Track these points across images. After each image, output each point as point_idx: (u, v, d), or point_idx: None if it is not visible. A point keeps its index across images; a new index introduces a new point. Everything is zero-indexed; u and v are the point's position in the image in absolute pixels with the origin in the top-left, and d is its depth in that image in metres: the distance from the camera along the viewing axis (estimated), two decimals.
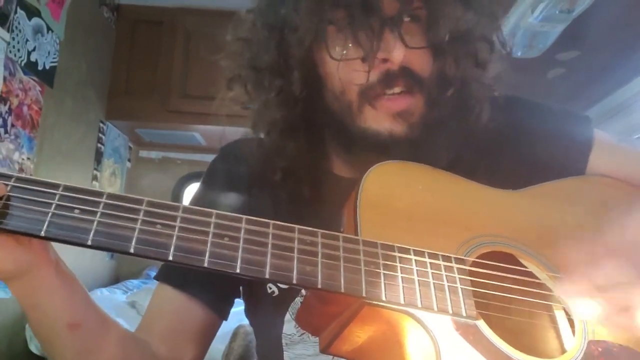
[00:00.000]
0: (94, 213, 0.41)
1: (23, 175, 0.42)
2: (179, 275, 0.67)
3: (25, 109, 1.88)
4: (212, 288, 0.67)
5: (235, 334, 1.25)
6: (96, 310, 0.55)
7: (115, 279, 2.74)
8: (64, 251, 0.49)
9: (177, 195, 2.89)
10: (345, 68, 0.58)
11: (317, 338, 0.53)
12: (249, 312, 0.73)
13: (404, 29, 0.56)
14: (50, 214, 0.40)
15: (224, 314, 0.70)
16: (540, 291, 0.52)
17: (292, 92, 0.60)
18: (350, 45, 0.57)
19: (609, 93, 1.86)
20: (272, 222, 0.45)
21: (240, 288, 0.72)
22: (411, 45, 0.57)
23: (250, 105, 0.66)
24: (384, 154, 0.58)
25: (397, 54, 0.56)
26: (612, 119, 1.88)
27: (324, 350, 0.50)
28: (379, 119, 0.59)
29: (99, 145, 2.53)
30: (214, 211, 0.44)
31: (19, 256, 0.44)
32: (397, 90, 0.58)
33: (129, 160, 2.93)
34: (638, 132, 1.82)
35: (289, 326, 0.64)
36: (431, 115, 0.59)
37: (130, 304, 2.14)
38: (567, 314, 0.52)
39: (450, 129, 0.60)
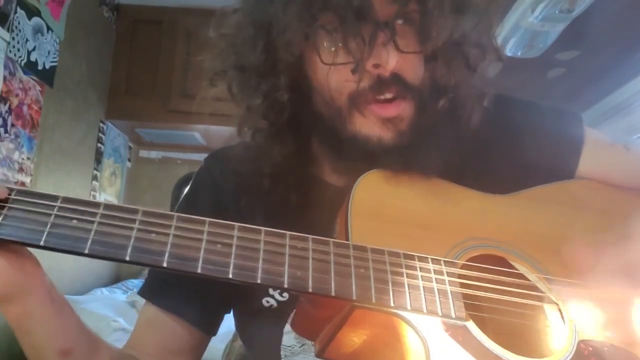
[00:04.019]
0: (91, 223, 0.42)
1: (23, 188, 0.44)
2: (163, 292, 0.66)
3: (25, 108, 1.89)
4: (198, 306, 0.66)
5: (237, 333, 1.24)
6: (87, 334, 0.55)
7: (115, 279, 2.75)
8: None
9: (177, 195, 2.90)
10: (334, 76, 0.56)
11: None
12: (242, 327, 0.72)
13: (397, 32, 0.54)
14: (49, 225, 0.42)
15: (212, 331, 0.69)
16: (531, 292, 0.53)
17: (279, 96, 0.59)
18: (340, 50, 0.55)
19: (609, 92, 1.85)
20: (263, 229, 0.46)
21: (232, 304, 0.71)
22: (405, 49, 0.55)
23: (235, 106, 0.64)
24: (373, 161, 0.57)
25: (390, 59, 0.54)
26: (612, 119, 1.88)
27: (319, 354, 0.51)
28: (369, 125, 0.57)
29: (99, 145, 2.54)
30: (207, 219, 0.45)
31: (10, 278, 0.44)
32: (388, 96, 0.57)
33: (129, 160, 2.94)
34: (638, 132, 1.82)
35: (289, 337, 0.64)
36: (421, 121, 0.58)
37: (131, 304, 2.14)
38: (560, 314, 0.53)
39: (441, 136, 0.59)
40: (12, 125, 1.82)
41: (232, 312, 0.72)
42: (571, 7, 1.32)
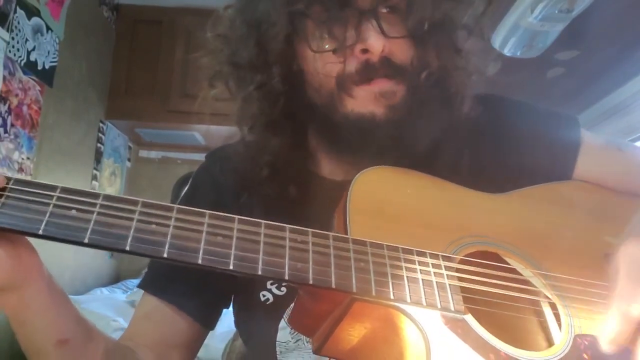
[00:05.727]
0: (90, 213, 0.42)
1: (21, 177, 0.43)
2: (164, 285, 0.67)
3: (24, 108, 1.89)
4: (198, 299, 0.66)
5: (237, 332, 1.24)
6: (84, 324, 0.55)
7: (115, 278, 2.75)
8: (64, 251, 0.50)
9: (177, 195, 2.89)
10: (321, 60, 0.58)
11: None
12: (240, 322, 0.73)
13: (382, 19, 0.56)
14: (48, 214, 0.41)
15: (210, 324, 0.70)
16: (527, 287, 0.53)
17: (272, 86, 0.60)
18: (326, 38, 0.58)
19: (608, 92, 1.85)
20: (263, 222, 0.46)
21: (232, 298, 0.71)
22: (391, 34, 0.56)
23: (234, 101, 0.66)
24: (366, 139, 0.58)
25: (376, 44, 0.55)
26: (612, 119, 1.88)
27: (317, 350, 0.51)
28: (361, 103, 0.59)
29: (99, 144, 2.54)
30: (207, 211, 0.46)
31: (7, 268, 0.44)
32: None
33: (128, 159, 2.94)
34: (637, 132, 1.82)
35: (284, 333, 0.64)
36: (413, 99, 0.59)
37: (130, 303, 2.14)
38: (553, 309, 0.53)
39: (432, 112, 0.60)
40: (12, 125, 1.82)
41: (231, 308, 0.72)
42: (571, 7, 1.33)
